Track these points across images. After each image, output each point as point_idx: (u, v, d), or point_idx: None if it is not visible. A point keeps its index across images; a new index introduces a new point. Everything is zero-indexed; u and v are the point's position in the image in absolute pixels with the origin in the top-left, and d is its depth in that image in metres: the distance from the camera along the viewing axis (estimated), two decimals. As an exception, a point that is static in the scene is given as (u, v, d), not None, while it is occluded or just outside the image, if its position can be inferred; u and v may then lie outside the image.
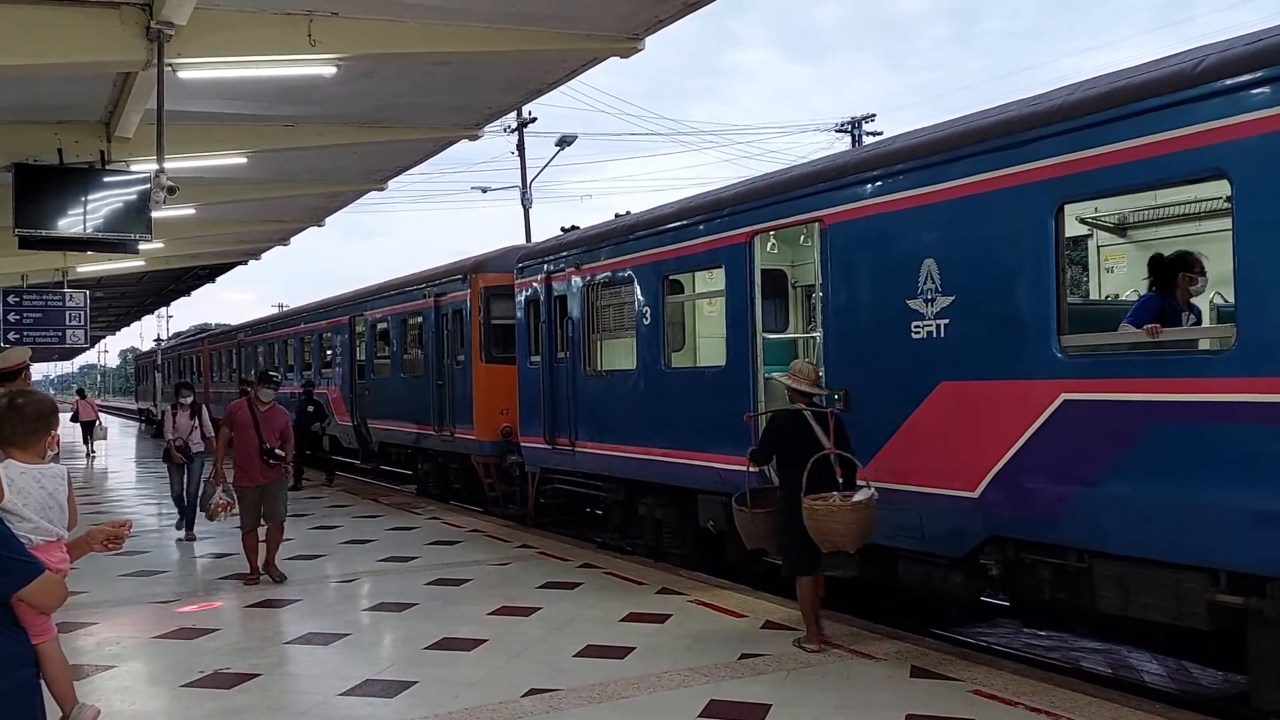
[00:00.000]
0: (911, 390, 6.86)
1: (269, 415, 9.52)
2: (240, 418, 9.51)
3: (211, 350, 32.40)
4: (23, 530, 3.62)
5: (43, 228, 9.54)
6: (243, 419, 9.49)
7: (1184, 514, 5.31)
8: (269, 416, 9.51)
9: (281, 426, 9.56)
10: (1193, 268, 6.30)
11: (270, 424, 9.44)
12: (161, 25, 7.40)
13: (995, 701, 5.54)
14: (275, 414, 9.59)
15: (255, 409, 9.48)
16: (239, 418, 9.52)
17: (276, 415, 9.59)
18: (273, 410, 9.61)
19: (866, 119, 33.91)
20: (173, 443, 12.22)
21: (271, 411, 9.58)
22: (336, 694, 5.95)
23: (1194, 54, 5.51)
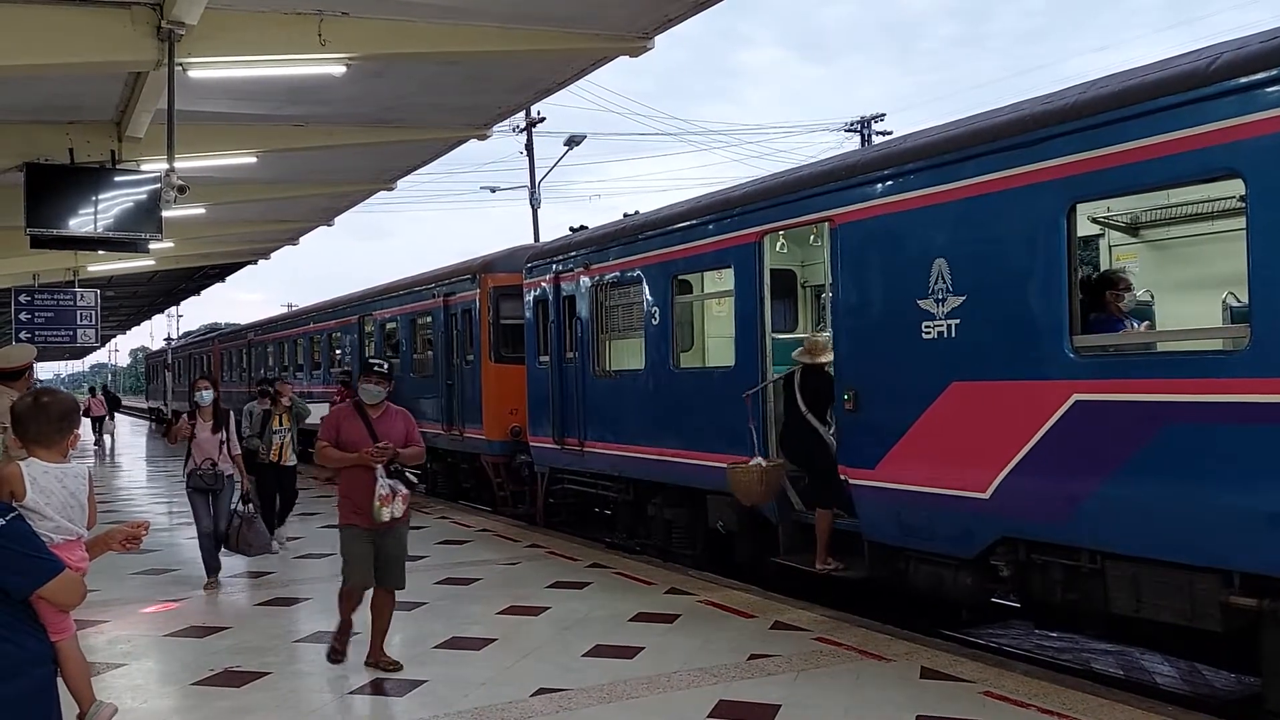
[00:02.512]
0: (922, 390, 6.84)
1: (386, 421, 6.47)
2: (350, 428, 6.40)
3: (222, 349, 32.51)
4: (45, 529, 3.63)
5: (54, 227, 9.58)
6: (354, 430, 6.38)
7: (1197, 515, 5.28)
8: (387, 423, 6.46)
9: (408, 436, 6.54)
10: (1117, 285, 6.39)
11: (391, 435, 6.41)
12: (172, 25, 7.43)
13: (1006, 703, 5.51)
14: (394, 419, 6.54)
15: (366, 414, 6.45)
16: (348, 428, 6.41)
17: (396, 421, 6.54)
18: (389, 415, 6.53)
19: (876, 119, 33.85)
20: (199, 468, 9.17)
21: (388, 416, 6.51)
22: (347, 692, 5.97)
23: (1208, 52, 5.47)
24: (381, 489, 6.15)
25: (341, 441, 6.34)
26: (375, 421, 6.39)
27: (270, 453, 10.99)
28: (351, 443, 6.30)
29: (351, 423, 6.38)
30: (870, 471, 7.26)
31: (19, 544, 3.10)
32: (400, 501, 6.21)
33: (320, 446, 6.43)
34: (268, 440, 10.99)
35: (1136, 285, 7.58)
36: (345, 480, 6.40)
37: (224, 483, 9.23)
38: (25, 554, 3.10)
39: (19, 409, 3.77)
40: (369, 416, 6.40)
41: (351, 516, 6.33)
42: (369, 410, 6.43)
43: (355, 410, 6.45)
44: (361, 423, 6.36)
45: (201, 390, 9.40)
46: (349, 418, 6.41)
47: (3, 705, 3.05)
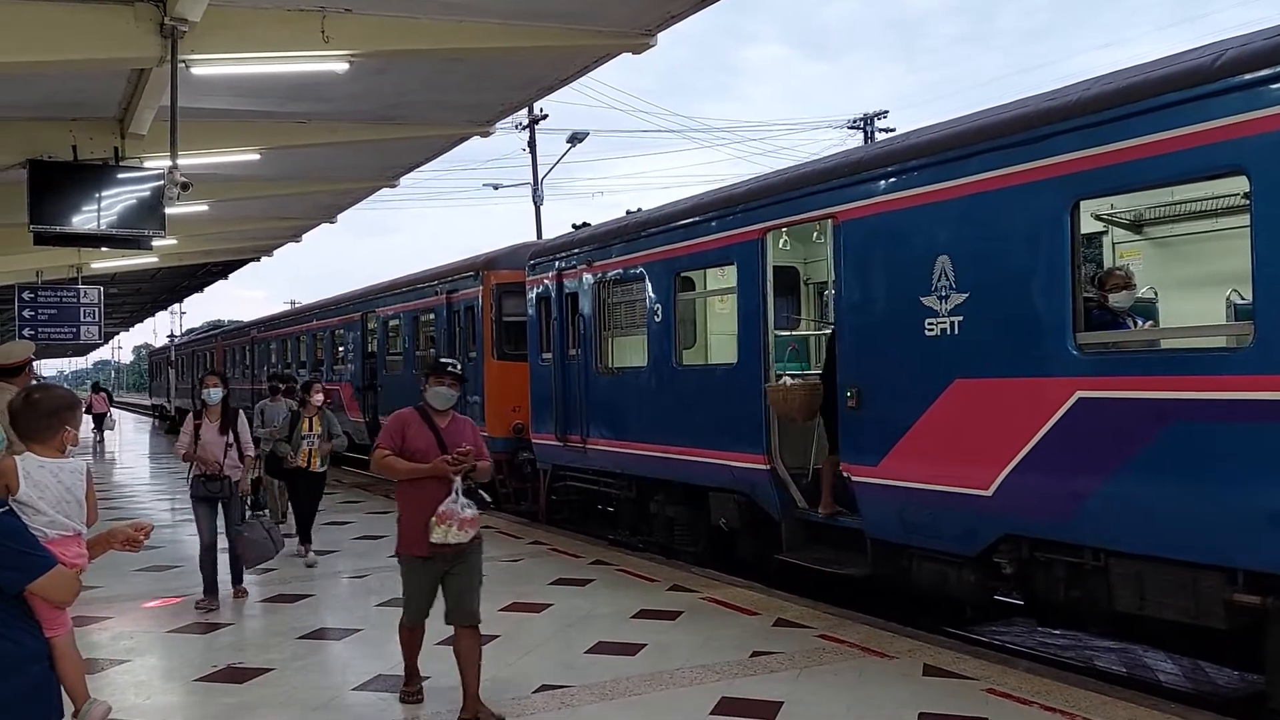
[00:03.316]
0: (925, 388, 6.83)
1: (455, 430, 5.57)
2: (417, 435, 5.48)
3: (225, 346, 32.54)
4: (38, 524, 3.64)
5: (57, 224, 9.58)
6: (421, 438, 5.47)
7: (1200, 513, 5.27)
8: (456, 432, 5.56)
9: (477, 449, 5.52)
10: (1104, 285, 6.35)
11: (458, 441, 5.49)
12: (175, 22, 7.43)
13: (1009, 700, 5.51)
14: (463, 428, 5.64)
15: (434, 420, 5.54)
16: (415, 435, 5.49)
17: (465, 430, 5.63)
18: (457, 423, 5.63)
19: (879, 116, 33.81)
20: (203, 473, 8.30)
21: (456, 425, 5.62)
22: (349, 689, 5.97)
23: (1212, 49, 5.46)
24: (446, 505, 5.22)
25: (407, 450, 5.42)
26: (443, 429, 5.49)
27: (299, 457, 10.09)
28: (418, 452, 5.38)
29: (418, 429, 5.45)
30: (873, 469, 7.25)
31: (10, 539, 3.09)
32: (460, 526, 5.23)
33: (381, 455, 5.47)
34: (296, 444, 10.10)
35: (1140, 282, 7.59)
36: (409, 497, 5.43)
37: (232, 490, 8.37)
38: (15, 549, 3.09)
39: (13, 405, 3.80)
40: (436, 424, 5.49)
41: (412, 545, 5.42)
42: (435, 417, 5.52)
43: (420, 416, 5.52)
44: (429, 430, 5.45)
45: (209, 388, 8.51)
46: (415, 424, 5.48)
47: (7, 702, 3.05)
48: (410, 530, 5.43)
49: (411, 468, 5.39)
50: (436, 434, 5.45)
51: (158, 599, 8.55)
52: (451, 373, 5.59)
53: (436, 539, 5.24)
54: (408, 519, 5.47)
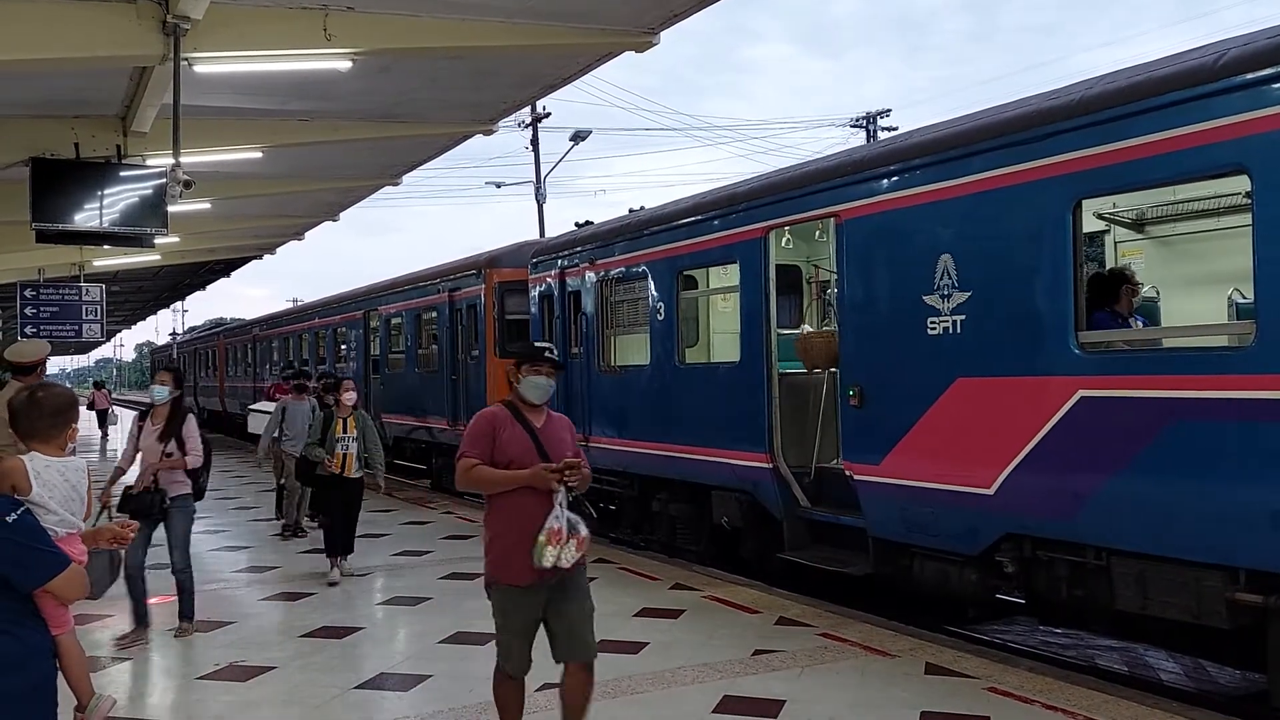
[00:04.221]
0: (927, 386, 6.83)
1: (552, 430, 4.66)
2: (512, 438, 4.54)
3: (227, 344, 32.57)
4: (49, 523, 3.65)
5: (59, 222, 9.60)
6: (516, 441, 4.53)
7: (1202, 512, 5.27)
8: (553, 432, 4.65)
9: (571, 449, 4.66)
10: (1132, 280, 6.41)
11: (561, 449, 4.58)
12: (178, 19, 7.44)
13: (1011, 699, 5.51)
14: (560, 426, 4.74)
15: (527, 419, 4.59)
16: (508, 438, 4.53)
17: (561, 429, 4.73)
18: (552, 421, 4.71)
19: (882, 114, 33.82)
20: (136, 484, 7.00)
21: (552, 423, 4.70)
22: (351, 687, 5.97)
23: (1215, 48, 5.45)
24: (555, 521, 4.32)
25: (499, 458, 4.47)
26: (539, 430, 4.57)
27: (333, 464, 9.19)
28: (513, 459, 4.44)
29: (511, 431, 4.51)
30: (875, 467, 7.25)
31: (27, 538, 3.11)
32: (575, 545, 4.37)
33: (468, 466, 4.50)
34: (330, 448, 9.19)
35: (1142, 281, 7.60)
36: (505, 513, 4.46)
37: (169, 506, 7.01)
38: (34, 548, 3.12)
39: (15, 404, 3.80)
40: (531, 423, 4.56)
41: (508, 571, 4.43)
42: (529, 415, 4.59)
43: (512, 415, 4.57)
44: (523, 431, 4.52)
45: (158, 384, 7.23)
46: (506, 424, 4.53)
47: (10, 698, 3.06)
48: (507, 554, 4.41)
49: (509, 476, 4.42)
50: (533, 436, 4.52)
51: (159, 597, 8.56)
52: (550, 359, 4.67)
53: (547, 562, 4.29)
54: (503, 540, 4.45)
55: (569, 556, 4.35)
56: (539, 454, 4.47)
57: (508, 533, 4.43)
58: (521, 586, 4.42)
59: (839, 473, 7.83)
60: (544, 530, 4.29)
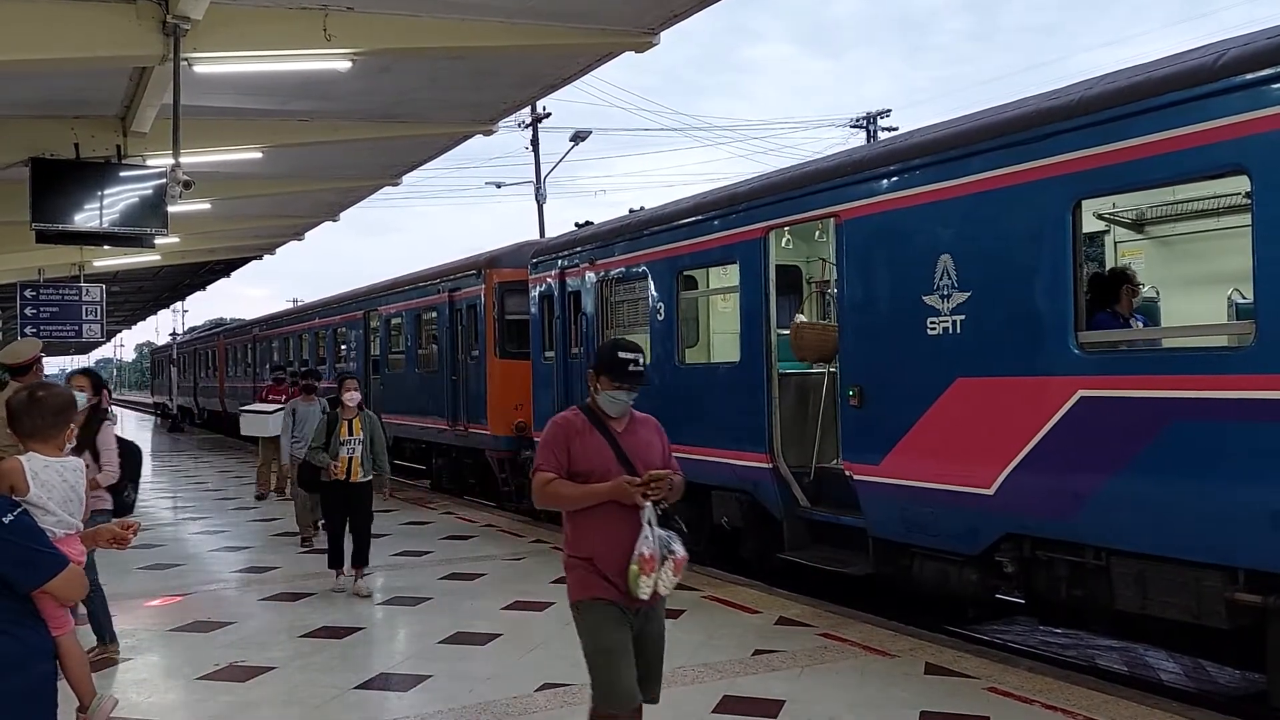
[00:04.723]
0: (927, 386, 6.83)
1: (635, 436, 4.16)
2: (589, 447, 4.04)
3: (227, 345, 32.57)
4: (47, 523, 3.65)
5: (59, 222, 9.60)
6: (595, 450, 4.04)
7: (1202, 512, 5.27)
8: (637, 438, 4.15)
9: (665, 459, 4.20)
10: (1133, 280, 6.40)
11: (648, 457, 4.10)
12: (177, 20, 7.44)
13: (1010, 699, 5.51)
14: (648, 431, 4.24)
15: (607, 426, 4.09)
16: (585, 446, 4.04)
17: (649, 434, 4.23)
18: (636, 425, 4.20)
19: (882, 114, 33.81)
20: None
21: (636, 427, 4.19)
22: (351, 687, 5.97)
23: (1214, 48, 5.45)
24: (646, 545, 3.81)
25: (577, 469, 3.97)
26: (621, 437, 4.06)
27: (337, 468, 8.60)
28: (595, 470, 3.95)
29: (588, 439, 4.01)
30: (875, 467, 7.26)
31: (26, 539, 3.11)
32: (672, 568, 3.87)
33: (544, 481, 3.97)
34: (334, 452, 8.64)
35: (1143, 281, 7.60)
36: (584, 531, 4.00)
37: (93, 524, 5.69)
38: (32, 549, 3.12)
39: (14, 404, 3.78)
40: (612, 430, 4.05)
41: (596, 586, 3.94)
42: (610, 421, 4.07)
43: (589, 420, 4.06)
44: (603, 438, 4.02)
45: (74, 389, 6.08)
46: (583, 432, 4.02)
47: (12, 698, 3.06)
48: (590, 570, 3.96)
49: (589, 491, 3.91)
50: (614, 444, 4.02)
51: (160, 597, 8.57)
52: (634, 372, 4.03)
53: (644, 593, 3.80)
54: (587, 563, 3.97)
55: (667, 582, 3.87)
56: (622, 464, 3.95)
57: (592, 554, 3.95)
58: (612, 601, 3.91)
59: (839, 473, 7.84)
60: (635, 558, 3.78)
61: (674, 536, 3.93)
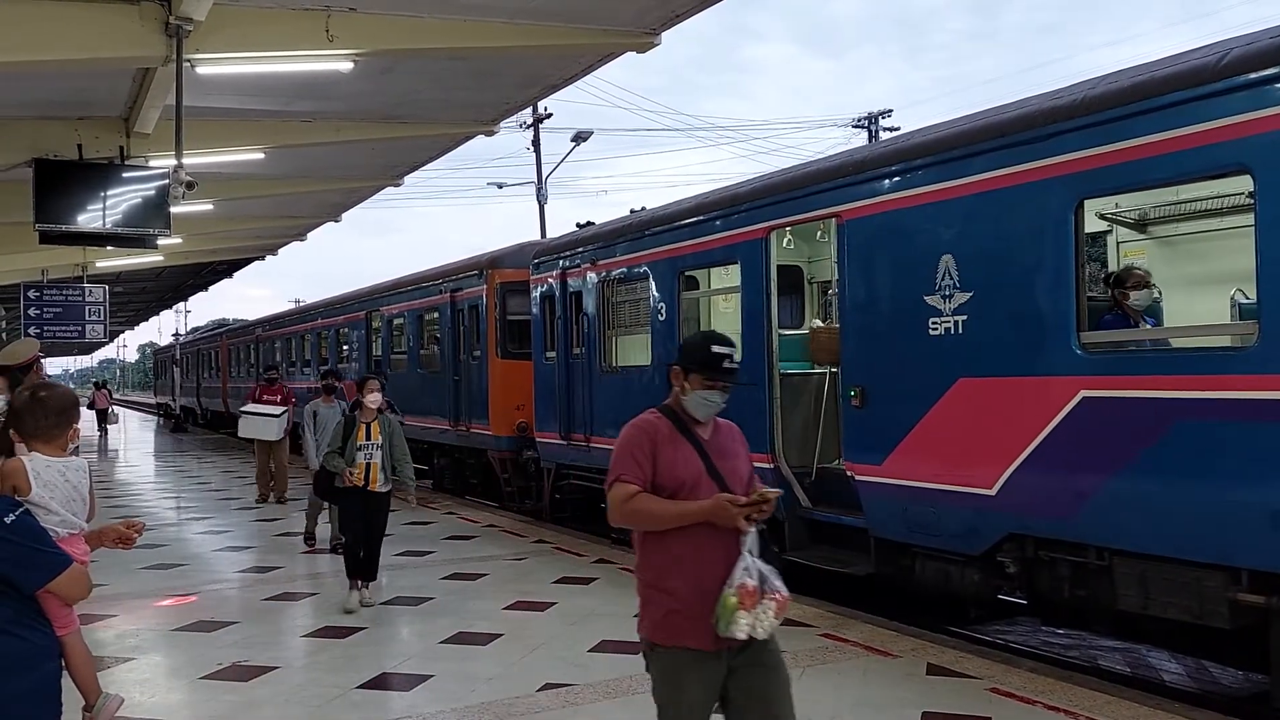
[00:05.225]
0: (929, 387, 6.83)
1: (723, 445, 3.59)
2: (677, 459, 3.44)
3: (230, 345, 32.60)
4: (50, 523, 3.65)
5: (63, 223, 9.62)
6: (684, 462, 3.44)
7: (1205, 512, 5.27)
8: (725, 448, 3.58)
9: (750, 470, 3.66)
10: (1125, 283, 6.33)
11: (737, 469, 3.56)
12: (180, 21, 7.45)
13: (1012, 699, 5.51)
14: (734, 440, 3.66)
15: (694, 434, 3.51)
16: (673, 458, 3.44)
17: (735, 444, 3.65)
18: (722, 434, 3.62)
19: (883, 114, 33.78)
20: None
21: (722, 436, 3.61)
22: (354, 687, 5.98)
23: (1217, 48, 5.45)
24: (748, 575, 3.22)
25: (662, 482, 3.38)
26: (708, 444, 3.49)
27: (354, 475, 8.00)
28: (684, 483, 3.37)
29: (675, 449, 3.43)
30: (877, 468, 7.25)
31: (29, 539, 3.12)
32: (774, 608, 3.25)
33: (627, 495, 3.36)
34: (350, 457, 8.05)
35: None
36: (668, 553, 3.36)
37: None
38: (35, 549, 3.12)
39: (17, 404, 3.78)
40: (699, 438, 3.49)
41: (682, 629, 3.32)
42: (695, 426, 3.50)
43: (674, 427, 3.48)
44: (691, 448, 3.45)
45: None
46: (670, 441, 3.44)
47: (18, 698, 3.07)
48: (677, 612, 3.33)
49: (684, 511, 3.31)
50: (702, 453, 3.45)
51: (163, 597, 8.58)
52: (731, 369, 3.48)
53: (740, 632, 3.21)
54: (670, 596, 3.35)
55: (767, 625, 3.25)
56: (712, 477, 3.40)
57: (677, 585, 3.32)
58: (698, 650, 3.29)
59: (840, 473, 7.83)
60: (733, 587, 3.21)
61: (775, 571, 3.30)
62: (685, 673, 3.33)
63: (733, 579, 3.22)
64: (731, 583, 3.22)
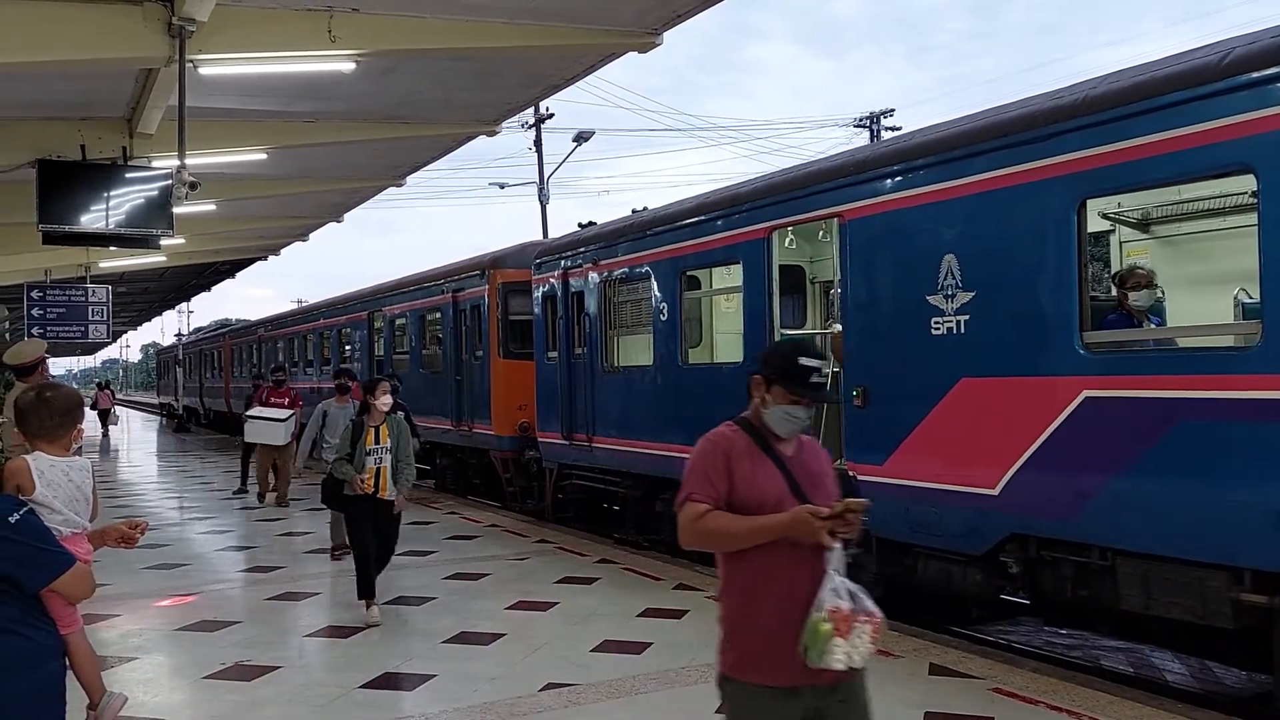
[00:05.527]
0: (931, 387, 6.83)
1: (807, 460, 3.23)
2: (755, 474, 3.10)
3: (232, 345, 32.64)
4: (54, 522, 3.66)
5: (66, 223, 9.64)
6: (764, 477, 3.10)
7: (1208, 512, 5.26)
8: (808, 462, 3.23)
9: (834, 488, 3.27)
10: (1125, 283, 6.33)
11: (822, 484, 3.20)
12: (183, 22, 7.46)
13: (1015, 700, 5.50)
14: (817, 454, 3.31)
15: (774, 448, 3.16)
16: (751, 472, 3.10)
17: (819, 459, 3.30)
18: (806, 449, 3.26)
19: (885, 114, 33.77)
20: None
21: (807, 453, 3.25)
22: (356, 686, 5.99)
23: (1220, 47, 5.45)
24: (836, 597, 2.92)
25: (739, 500, 3.07)
26: (791, 461, 3.17)
27: (364, 482, 7.61)
28: (765, 502, 3.05)
29: (754, 463, 3.12)
30: (879, 468, 7.25)
31: (33, 538, 3.13)
32: (870, 633, 3.01)
33: (699, 513, 3.05)
34: (360, 463, 7.65)
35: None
36: (745, 576, 3.08)
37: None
38: (39, 548, 3.13)
39: (22, 404, 3.78)
40: (781, 454, 3.16)
41: (762, 664, 3.02)
42: (777, 442, 3.17)
43: (752, 441, 3.16)
44: (771, 463, 3.13)
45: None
46: (747, 455, 3.13)
47: (23, 697, 3.08)
48: (759, 640, 3.02)
49: (758, 526, 2.99)
50: (785, 471, 3.13)
51: (166, 597, 8.59)
52: (818, 383, 3.15)
53: (833, 659, 2.90)
54: (752, 623, 3.05)
55: (863, 652, 2.96)
56: (796, 498, 3.06)
57: (759, 610, 3.02)
58: (778, 688, 2.98)
59: (842, 473, 7.82)
60: (823, 612, 2.88)
61: (864, 590, 3.00)
62: (760, 713, 3.01)
63: (821, 602, 2.89)
64: (820, 606, 2.88)
